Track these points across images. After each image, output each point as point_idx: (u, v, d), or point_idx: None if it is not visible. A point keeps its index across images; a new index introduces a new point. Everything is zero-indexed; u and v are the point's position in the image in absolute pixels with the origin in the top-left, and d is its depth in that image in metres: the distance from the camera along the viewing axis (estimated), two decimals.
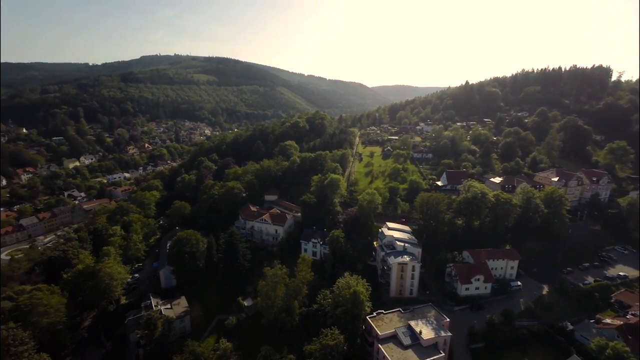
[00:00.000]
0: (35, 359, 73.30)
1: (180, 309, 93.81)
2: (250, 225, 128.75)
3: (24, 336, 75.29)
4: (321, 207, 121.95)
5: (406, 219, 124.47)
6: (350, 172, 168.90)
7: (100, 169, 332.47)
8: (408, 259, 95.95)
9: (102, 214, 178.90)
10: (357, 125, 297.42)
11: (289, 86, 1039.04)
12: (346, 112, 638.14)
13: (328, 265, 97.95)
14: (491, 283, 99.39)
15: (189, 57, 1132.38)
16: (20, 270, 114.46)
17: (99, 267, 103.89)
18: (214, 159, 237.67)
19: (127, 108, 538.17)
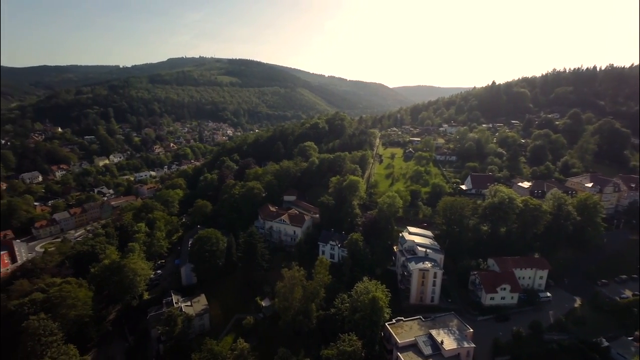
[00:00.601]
0: (63, 350, 76.39)
1: (200, 306, 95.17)
2: (269, 225, 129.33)
3: (54, 327, 78.73)
4: (339, 209, 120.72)
5: (428, 224, 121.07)
6: (370, 173, 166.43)
7: (128, 167, 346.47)
8: (430, 265, 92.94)
9: (128, 211, 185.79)
10: (377, 126, 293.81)
11: (309, 87, 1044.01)
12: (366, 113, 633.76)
13: (346, 268, 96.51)
14: (518, 293, 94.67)
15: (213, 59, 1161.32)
16: (52, 263, 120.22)
17: (124, 262, 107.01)
18: (235, 159, 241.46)
19: (154, 108, 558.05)
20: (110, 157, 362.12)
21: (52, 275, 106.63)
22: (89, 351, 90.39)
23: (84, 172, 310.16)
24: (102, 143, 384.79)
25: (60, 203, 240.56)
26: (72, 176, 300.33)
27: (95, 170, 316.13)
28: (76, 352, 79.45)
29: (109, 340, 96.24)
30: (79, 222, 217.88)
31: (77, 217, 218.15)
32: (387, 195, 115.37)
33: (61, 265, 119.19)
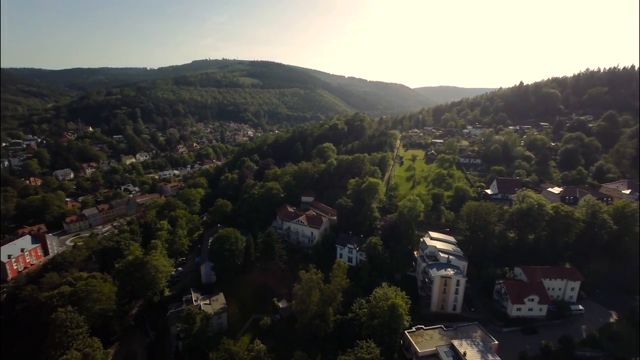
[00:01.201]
0: (88, 343, 79.13)
1: (218, 305, 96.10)
2: (287, 226, 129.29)
3: (80, 320, 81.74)
4: (358, 212, 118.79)
5: (450, 229, 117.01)
6: (390, 176, 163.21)
7: (153, 165, 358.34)
8: (452, 272, 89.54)
9: (152, 209, 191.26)
10: (398, 128, 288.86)
11: (329, 88, 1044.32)
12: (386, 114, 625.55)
13: (364, 273, 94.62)
14: (547, 305, 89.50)
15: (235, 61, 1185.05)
16: (80, 258, 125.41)
17: (146, 259, 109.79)
18: (255, 159, 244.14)
19: (178, 109, 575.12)
20: (137, 156, 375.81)
21: (79, 269, 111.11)
22: (112, 344, 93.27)
23: (112, 170, 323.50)
24: (129, 142, 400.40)
25: (89, 199, 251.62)
26: (101, 174, 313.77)
27: (123, 169, 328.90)
28: (100, 345, 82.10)
29: (131, 334, 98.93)
30: (106, 218, 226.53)
31: (104, 213, 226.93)
32: (408, 198, 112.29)
33: (88, 260, 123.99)
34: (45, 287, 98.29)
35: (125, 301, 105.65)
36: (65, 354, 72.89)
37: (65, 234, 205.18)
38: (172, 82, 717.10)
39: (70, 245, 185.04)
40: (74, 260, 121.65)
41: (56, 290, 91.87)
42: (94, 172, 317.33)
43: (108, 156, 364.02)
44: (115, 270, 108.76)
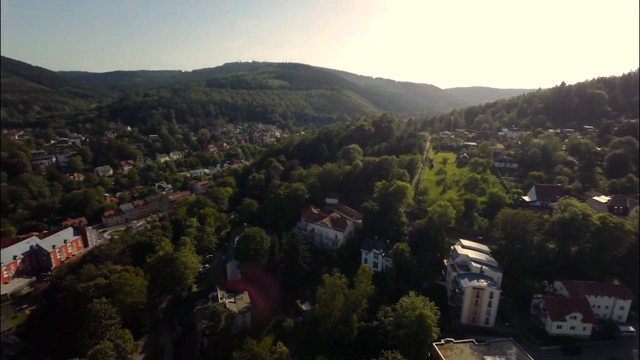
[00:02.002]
0: (120, 334, 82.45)
1: (243, 304, 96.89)
2: (311, 227, 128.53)
3: (113, 312, 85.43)
4: (384, 216, 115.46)
5: (484, 237, 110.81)
6: (419, 179, 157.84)
7: (185, 164, 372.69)
8: (485, 283, 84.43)
9: (183, 206, 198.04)
10: (427, 129, 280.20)
11: (355, 89, 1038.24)
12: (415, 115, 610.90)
13: (390, 279, 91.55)
14: (592, 324, 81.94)
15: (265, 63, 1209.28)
16: (115, 251, 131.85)
17: (176, 255, 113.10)
18: (281, 160, 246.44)
19: (210, 110, 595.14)
20: (170, 155, 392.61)
21: (114, 262, 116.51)
22: (142, 337, 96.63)
23: (147, 167, 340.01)
24: (164, 141, 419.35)
25: (126, 195, 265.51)
26: (137, 171, 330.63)
27: (157, 166, 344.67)
28: (131, 337, 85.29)
29: (160, 328, 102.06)
30: (141, 213, 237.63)
31: (139, 209, 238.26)
32: (439, 203, 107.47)
33: (122, 254, 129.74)
34: (83, 278, 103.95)
35: (155, 295, 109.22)
36: (99, 344, 76.36)
37: (103, 227, 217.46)
38: (204, 84, 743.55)
39: (107, 238, 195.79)
40: (109, 253, 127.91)
41: (92, 281, 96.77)
42: (131, 170, 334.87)
43: (144, 154, 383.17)
44: (146, 264, 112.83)
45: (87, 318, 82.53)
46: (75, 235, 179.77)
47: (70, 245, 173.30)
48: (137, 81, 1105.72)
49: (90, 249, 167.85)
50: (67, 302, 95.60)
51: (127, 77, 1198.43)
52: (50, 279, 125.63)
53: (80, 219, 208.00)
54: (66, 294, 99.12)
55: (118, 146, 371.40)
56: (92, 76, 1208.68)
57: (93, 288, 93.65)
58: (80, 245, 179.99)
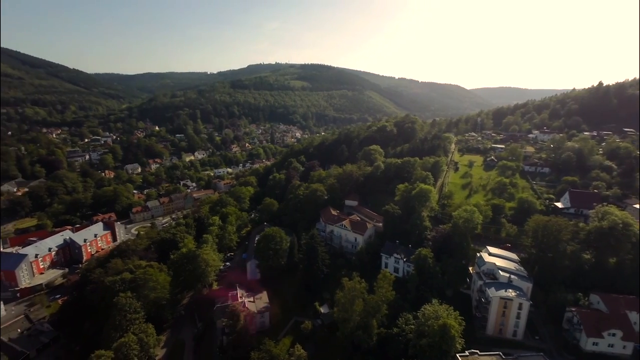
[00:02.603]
0: (143, 328, 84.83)
1: (262, 303, 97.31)
2: (330, 229, 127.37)
3: (137, 306, 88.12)
4: (406, 220, 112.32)
5: (512, 245, 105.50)
6: (443, 182, 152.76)
7: (209, 163, 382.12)
8: (514, 294, 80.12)
9: (206, 204, 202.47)
10: (452, 131, 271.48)
11: (377, 90, 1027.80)
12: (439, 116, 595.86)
13: (412, 286, 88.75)
14: (633, 343, 75.71)
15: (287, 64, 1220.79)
16: (141, 246, 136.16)
17: (198, 252, 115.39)
18: (301, 160, 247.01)
19: (234, 111, 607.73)
20: (195, 154, 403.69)
21: (139, 258, 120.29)
22: (164, 331, 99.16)
23: (173, 166, 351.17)
24: (189, 141, 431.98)
25: (152, 192, 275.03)
26: (163, 169, 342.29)
27: (182, 165, 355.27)
28: (154, 331, 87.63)
29: (181, 324, 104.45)
30: (166, 210, 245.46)
31: (165, 206, 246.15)
32: (464, 208, 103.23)
33: (148, 249, 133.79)
34: (111, 272, 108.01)
35: (178, 291, 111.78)
36: (123, 337, 78.85)
37: (131, 222, 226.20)
38: (229, 86, 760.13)
39: (134, 233, 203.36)
40: (135, 248, 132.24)
41: (119, 276, 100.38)
42: (158, 168, 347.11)
43: (171, 153, 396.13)
44: (170, 261, 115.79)
45: (113, 311, 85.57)
46: (105, 230, 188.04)
47: (100, 239, 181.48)
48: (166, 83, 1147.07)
49: (118, 243, 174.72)
50: (96, 295, 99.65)
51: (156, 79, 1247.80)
52: (80, 272, 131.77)
53: (110, 215, 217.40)
54: (95, 286, 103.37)
55: (146, 145, 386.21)
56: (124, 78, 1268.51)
57: (119, 282, 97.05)
58: (110, 240, 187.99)
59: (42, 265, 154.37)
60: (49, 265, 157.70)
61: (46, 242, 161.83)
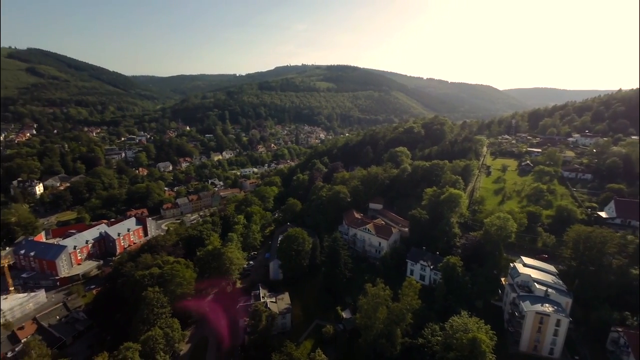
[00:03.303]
0: (169, 323, 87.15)
1: (283, 305, 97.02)
2: (353, 232, 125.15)
3: (164, 301, 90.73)
4: (434, 226, 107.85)
5: (549, 256, 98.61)
6: (474, 187, 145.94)
7: (236, 163, 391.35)
8: (551, 309, 74.57)
9: (232, 203, 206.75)
10: (484, 133, 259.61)
11: (404, 90, 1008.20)
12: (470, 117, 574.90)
13: (439, 295, 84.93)
14: None
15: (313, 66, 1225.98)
16: (169, 242, 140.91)
17: (223, 250, 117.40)
18: (325, 161, 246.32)
19: (260, 112, 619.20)
20: (223, 154, 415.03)
21: (168, 253, 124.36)
22: (189, 327, 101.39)
23: (202, 165, 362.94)
24: (218, 141, 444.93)
25: (182, 190, 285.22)
26: (193, 168, 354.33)
27: (211, 164, 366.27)
28: (179, 326, 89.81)
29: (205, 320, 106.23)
30: (195, 207, 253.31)
31: (193, 203, 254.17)
32: (497, 215, 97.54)
33: (176, 245, 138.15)
34: (141, 266, 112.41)
35: (203, 287, 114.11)
36: (150, 330, 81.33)
37: (161, 218, 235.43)
38: (256, 87, 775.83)
39: (164, 229, 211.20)
40: (164, 244, 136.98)
41: (148, 270, 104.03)
42: (188, 166, 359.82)
43: (200, 152, 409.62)
44: (196, 257, 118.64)
45: (141, 305, 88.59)
46: (137, 225, 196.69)
47: (132, 233, 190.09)
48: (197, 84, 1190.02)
49: (149, 238, 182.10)
50: (126, 288, 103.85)
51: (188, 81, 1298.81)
52: (113, 264, 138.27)
53: (142, 210, 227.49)
54: (125, 280, 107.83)
55: (178, 144, 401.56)
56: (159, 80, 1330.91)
57: (148, 277, 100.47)
58: (141, 234, 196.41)
59: (79, 257, 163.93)
60: (85, 257, 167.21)
61: (84, 235, 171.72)
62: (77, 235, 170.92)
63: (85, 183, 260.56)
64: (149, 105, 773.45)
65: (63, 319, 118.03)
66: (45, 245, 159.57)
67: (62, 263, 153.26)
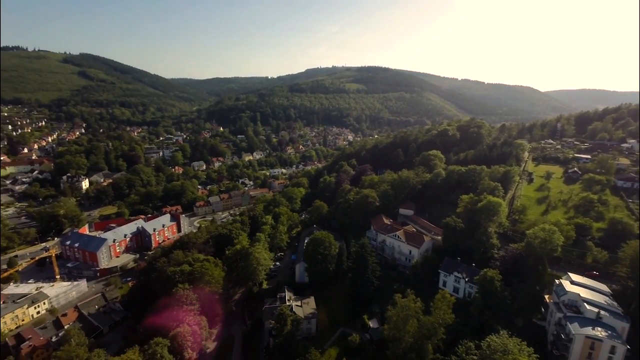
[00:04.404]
0: (197, 320, 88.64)
1: (309, 309, 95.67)
2: (381, 238, 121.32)
3: (193, 298, 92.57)
4: (470, 235, 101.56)
5: (600, 273, 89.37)
6: (514, 195, 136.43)
7: (265, 163, 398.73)
8: (604, 333, 67.03)
9: (260, 203, 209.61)
10: (525, 137, 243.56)
11: (438, 92, 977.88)
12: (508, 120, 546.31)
13: (474, 310, 79.42)
14: None
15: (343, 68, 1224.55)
16: (200, 240, 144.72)
17: (251, 250, 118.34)
18: (352, 164, 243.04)
19: (290, 114, 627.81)
20: (254, 154, 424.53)
21: (198, 251, 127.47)
22: (215, 325, 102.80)
23: (233, 165, 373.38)
24: (249, 142, 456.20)
25: (214, 188, 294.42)
26: (225, 167, 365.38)
27: (242, 164, 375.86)
28: (206, 324, 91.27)
29: (232, 319, 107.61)
30: (225, 206, 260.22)
31: (224, 202, 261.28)
32: (542, 227, 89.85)
33: (206, 243, 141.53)
34: (172, 262, 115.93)
35: (230, 286, 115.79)
36: (179, 327, 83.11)
37: (194, 216, 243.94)
38: (287, 89, 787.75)
39: (196, 226, 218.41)
40: (195, 241, 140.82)
41: (179, 267, 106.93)
42: (220, 166, 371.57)
43: (232, 153, 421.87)
44: (224, 256, 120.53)
45: (172, 301, 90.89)
46: (172, 221, 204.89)
47: (167, 229, 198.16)
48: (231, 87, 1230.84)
49: (182, 234, 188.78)
50: (158, 283, 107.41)
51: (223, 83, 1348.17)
52: (148, 259, 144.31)
53: (177, 207, 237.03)
54: (158, 275, 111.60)
55: (211, 144, 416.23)
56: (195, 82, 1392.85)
57: (179, 273, 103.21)
58: (175, 230, 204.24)
59: (118, 250, 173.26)
60: (123, 250, 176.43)
61: (122, 229, 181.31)
62: (117, 229, 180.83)
63: (125, 180, 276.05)
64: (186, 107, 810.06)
65: (101, 308, 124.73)
66: (88, 238, 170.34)
67: (103, 255, 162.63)
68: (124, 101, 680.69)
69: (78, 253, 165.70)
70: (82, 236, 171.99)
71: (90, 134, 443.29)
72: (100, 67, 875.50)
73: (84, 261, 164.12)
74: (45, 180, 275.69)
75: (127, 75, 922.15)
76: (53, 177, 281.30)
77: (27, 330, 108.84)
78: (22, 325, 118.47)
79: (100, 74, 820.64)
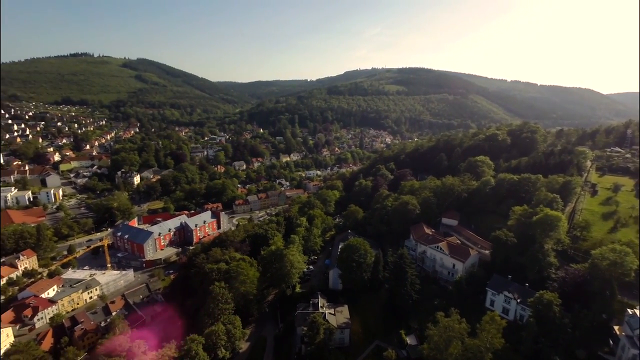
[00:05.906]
0: (231, 319, 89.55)
1: (342, 318, 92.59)
2: (422, 249, 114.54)
3: (228, 297, 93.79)
4: (523, 251, 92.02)
5: None
6: (575, 209, 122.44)
7: (301, 164, 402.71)
8: None
9: (296, 204, 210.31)
10: (587, 144, 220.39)
11: (485, 94, 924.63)
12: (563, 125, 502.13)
13: (528, 336, 71.22)
14: None
15: (383, 69, 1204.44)
16: (238, 238, 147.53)
17: (285, 252, 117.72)
18: (391, 167, 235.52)
19: (327, 116, 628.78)
20: (291, 156, 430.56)
21: (235, 249, 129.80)
22: (249, 325, 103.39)
23: (272, 165, 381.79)
24: (287, 143, 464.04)
25: (253, 188, 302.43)
26: (263, 167, 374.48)
27: (279, 165, 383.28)
28: (240, 324, 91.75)
29: (264, 320, 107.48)
30: (263, 205, 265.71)
31: (262, 201, 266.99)
32: (611, 247, 78.84)
33: (243, 242, 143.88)
34: (211, 259, 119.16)
35: (264, 287, 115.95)
36: (214, 325, 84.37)
37: (233, 213, 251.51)
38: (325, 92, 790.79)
39: (235, 223, 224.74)
40: (233, 240, 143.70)
41: (216, 265, 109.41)
42: (259, 166, 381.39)
43: (270, 154, 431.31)
44: (260, 256, 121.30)
45: (208, 298, 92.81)
46: (212, 218, 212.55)
47: (207, 225, 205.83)
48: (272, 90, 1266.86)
49: (221, 231, 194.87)
50: (197, 279, 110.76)
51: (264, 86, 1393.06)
52: (188, 254, 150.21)
53: (217, 205, 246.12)
54: (197, 271, 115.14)
55: (251, 145, 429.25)
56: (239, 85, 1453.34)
57: (216, 271, 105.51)
58: (215, 227, 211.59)
59: (162, 243, 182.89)
60: (167, 244, 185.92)
61: (167, 224, 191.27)
62: (162, 223, 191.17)
63: (172, 177, 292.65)
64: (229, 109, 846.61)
65: (145, 298, 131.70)
66: (137, 230, 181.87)
67: (149, 247, 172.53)
68: (174, 103, 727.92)
69: (127, 244, 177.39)
70: (132, 228, 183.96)
71: (143, 133, 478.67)
72: (154, 71, 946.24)
73: (132, 252, 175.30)
74: (102, 175, 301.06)
75: (178, 78, 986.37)
76: (109, 172, 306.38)
77: (80, 314, 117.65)
78: (77, 309, 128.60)
79: (154, 78, 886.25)
